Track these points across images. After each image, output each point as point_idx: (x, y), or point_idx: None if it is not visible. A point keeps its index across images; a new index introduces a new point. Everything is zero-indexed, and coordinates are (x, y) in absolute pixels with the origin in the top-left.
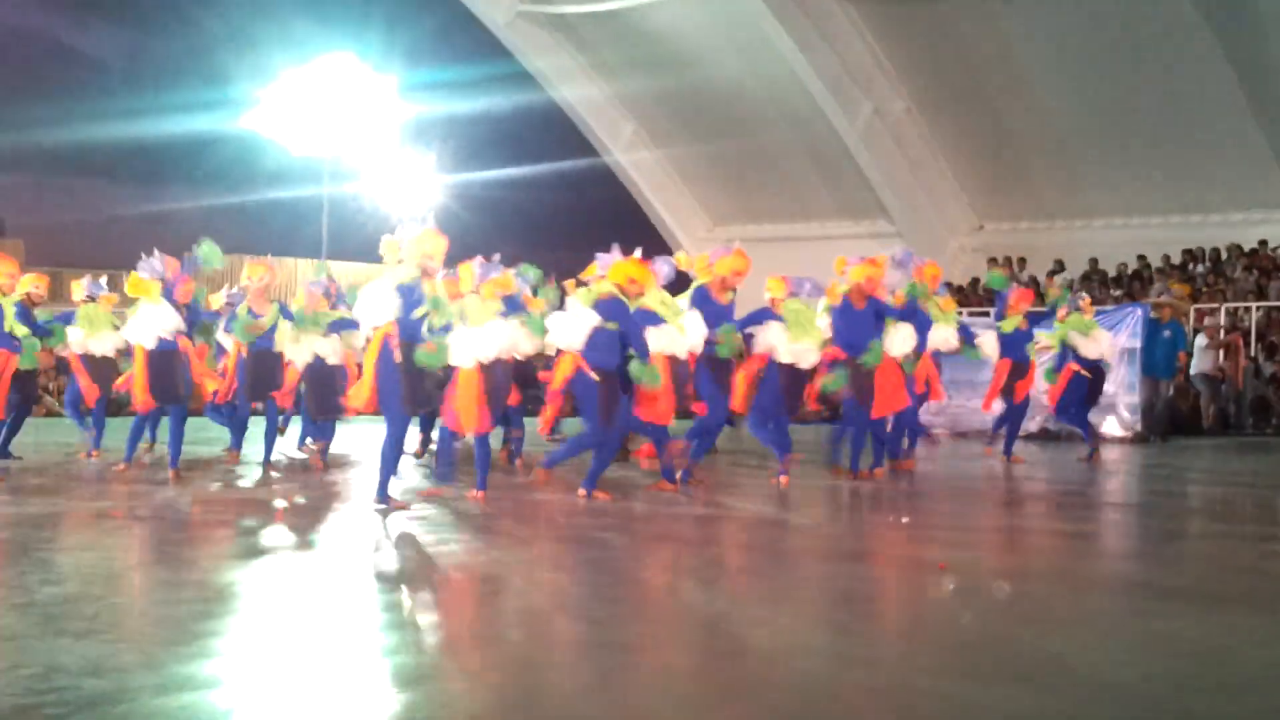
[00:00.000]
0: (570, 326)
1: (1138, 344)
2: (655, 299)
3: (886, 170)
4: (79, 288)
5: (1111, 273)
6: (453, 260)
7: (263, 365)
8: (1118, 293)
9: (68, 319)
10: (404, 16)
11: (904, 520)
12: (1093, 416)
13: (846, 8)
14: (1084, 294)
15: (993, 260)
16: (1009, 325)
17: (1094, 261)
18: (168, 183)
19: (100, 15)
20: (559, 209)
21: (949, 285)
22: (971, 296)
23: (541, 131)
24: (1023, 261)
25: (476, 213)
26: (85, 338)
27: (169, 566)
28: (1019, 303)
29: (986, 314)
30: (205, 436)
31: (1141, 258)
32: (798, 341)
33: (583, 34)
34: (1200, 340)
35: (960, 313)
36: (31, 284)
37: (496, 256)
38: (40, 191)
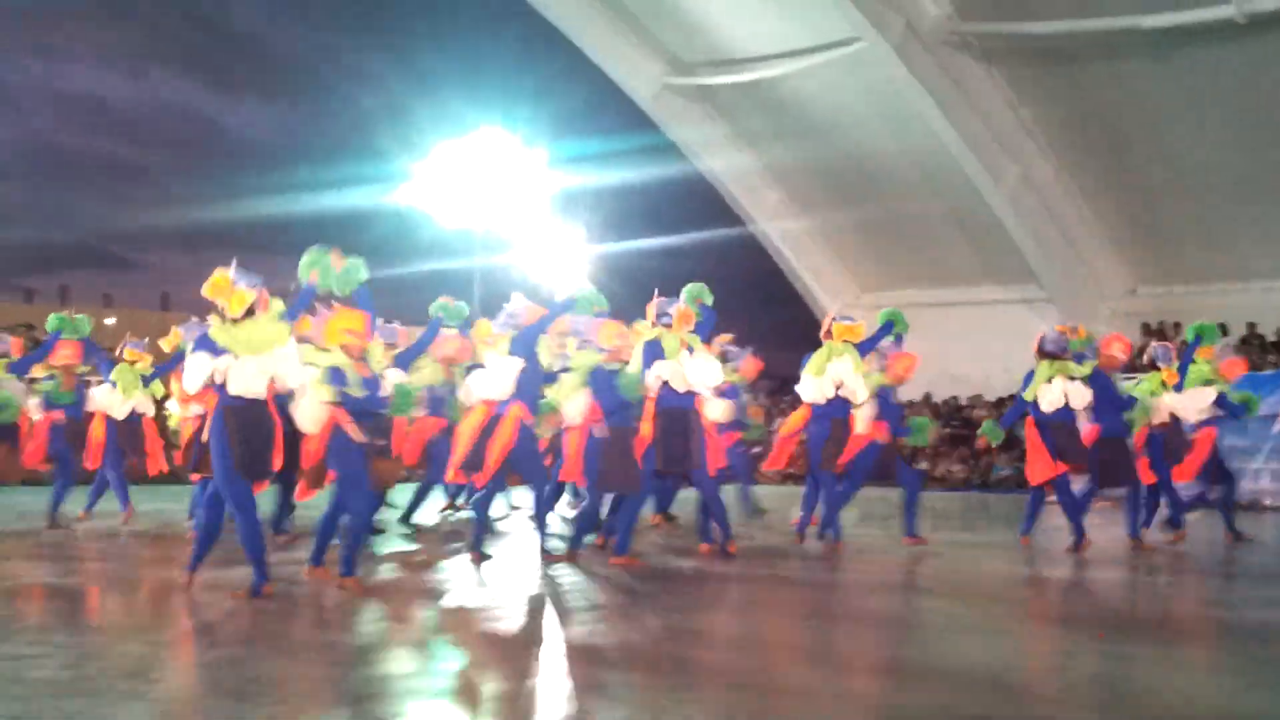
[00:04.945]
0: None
1: None
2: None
3: (1035, 234)
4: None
5: (1270, 336)
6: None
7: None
8: (1275, 357)
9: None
10: (552, 90)
11: None
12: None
13: (991, 71)
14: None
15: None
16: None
17: (1252, 325)
18: None
19: (256, 94)
20: (706, 278)
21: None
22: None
23: (687, 201)
24: (1177, 326)
25: (625, 283)
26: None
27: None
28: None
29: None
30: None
31: None
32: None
33: (727, 104)
34: None
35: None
36: None
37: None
38: (200, 268)
